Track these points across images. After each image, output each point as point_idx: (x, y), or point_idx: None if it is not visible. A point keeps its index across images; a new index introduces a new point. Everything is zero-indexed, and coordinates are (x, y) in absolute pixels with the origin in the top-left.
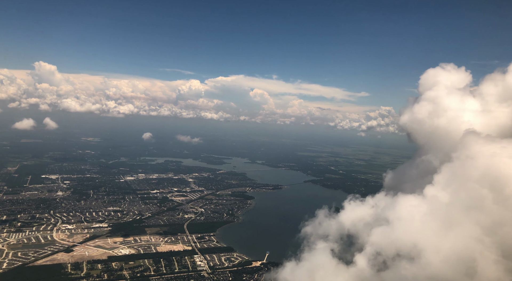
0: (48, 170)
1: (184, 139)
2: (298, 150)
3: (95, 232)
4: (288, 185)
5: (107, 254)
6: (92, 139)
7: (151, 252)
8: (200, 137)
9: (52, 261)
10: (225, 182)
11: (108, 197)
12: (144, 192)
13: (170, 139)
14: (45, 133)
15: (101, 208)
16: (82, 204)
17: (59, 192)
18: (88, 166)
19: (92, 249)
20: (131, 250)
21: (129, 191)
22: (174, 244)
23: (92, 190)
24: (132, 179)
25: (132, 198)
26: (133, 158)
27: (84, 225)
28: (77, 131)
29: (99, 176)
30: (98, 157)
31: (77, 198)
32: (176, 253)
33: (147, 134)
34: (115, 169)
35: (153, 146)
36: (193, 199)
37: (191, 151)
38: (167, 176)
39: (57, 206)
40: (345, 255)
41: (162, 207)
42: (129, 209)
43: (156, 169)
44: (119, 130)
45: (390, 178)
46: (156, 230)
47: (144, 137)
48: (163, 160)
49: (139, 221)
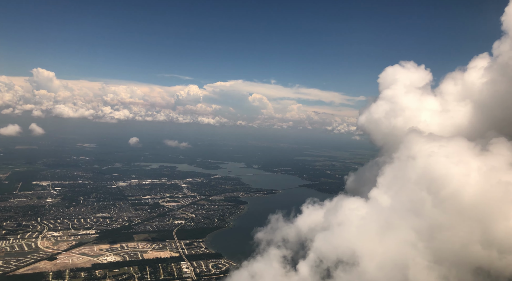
0: (39, 176)
1: (180, 144)
2: (295, 154)
3: (81, 239)
4: (282, 190)
5: (92, 261)
6: (88, 145)
7: (137, 259)
8: (197, 142)
9: (34, 269)
10: (218, 187)
11: (98, 204)
12: (136, 198)
13: (166, 144)
14: (40, 139)
15: (90, 215)
16: (71, 211)
17: (48, 198)
18: (81, 172)
19: (77, 256)
20: (117, 257)
21: (120, 197)
22: (162, 250)
23: (82, 197)
24: (125, 185)
25: (123, 204)
26: (127, 163)
27: (70, 232)
28: (74, 137)
29: (91, 182)
30: (92, 163)
31: (66, 205)
32: (162, 260)
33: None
34: (108, 175)
35: (149, 152)
36: (185, 205)
37: (187, 156)
38: (160, 182)
39: (45, 213)
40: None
41: (152, 213)
42: (119, 215)
43: (150, 175)
44: (115, 135)
45: (351, 180)
46: (145, 236)
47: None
48: (158, 165)
49: (128, 227)
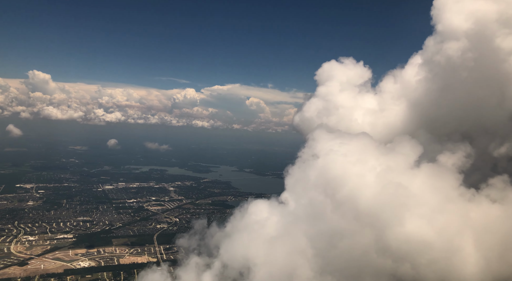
0: (24, 179)
1: (173, 147)
2: (288, 158)
3: (57, 244)
4: (272, 194)
5: (65, 267)
6: (80, 147)
7: (112, 264)
8: (191, 146)
9: (2, 275)
10: (207, 191)
11: (80, 207)
12: (120, 201)
13: (158, 147)
14: (31, 141)
15: (71, 218)
16: (51, 214)
17: (30, 201)
18: (68, 175)
19: (49, 261)
20: (92, 263)
21: (105, 200)
22: (139, 255)
23: (65, 200)
24: (111, 188)
25: (106, 208)
26: (117, 166)
27: (47, 236)
28: (66, 140)
29: (77, 185)
30: (81, 166)
31: (47, 208)
32: (139, 265)
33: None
34: (96, 177)
35: (141, 155)
36: (170, 209)
37: (179, 159)
38: (148, 185)
39: (24, 217)
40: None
41: (135, 217)
42: (100, 219)
43: (138, 178)
44: (107, 138)
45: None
46: (124, 241)
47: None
48: (148, 168)
49: (108, 231)
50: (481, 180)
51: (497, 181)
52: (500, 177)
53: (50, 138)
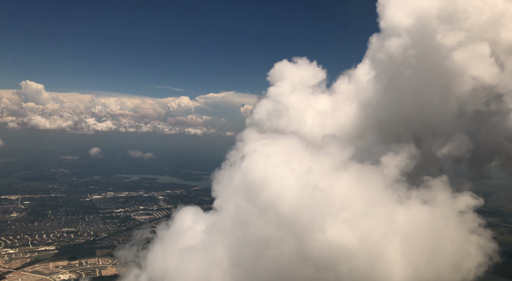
0: (10, 190)
1: (165, 155)
2: None
3: (38, 256)
4: None
5: (43, 280)
6: (71, 157)
7: (94, 276)
8: (184, 153)
9: None
10: (197, 199)
11: (66, 218)
12: (107, 211)
13: (150, 156)
14: (21, 152)
15: (55, 230)
16: (35, 226)
17: (13, 213)
18: (56, 185)
19: (28, 275)
20: (72, 275)
21: (92, 210)
22: (123, 266)
23: (51, 210)
24: (99, 198)
25: (92, 218)
26: (107, 175)
27: (28, 248)
28: (58, 150)
29: (64, 195)
30: (70, 176)
31: (31, 220)
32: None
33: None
34: (84, 187)
35: (132, 164)
36: (158, 218)
37: (171, 168)
38: (137, 194)
39: (6, 229)
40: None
41: (121, 227)
42: (85, 229)
43: (128, 187)
44: (99, 147)
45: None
46: (108, 251)
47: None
48: (139, 177)
49: (92, 242)
50: (421, 181)
51: (436, 183)
52: (439, 178)
53: (40, 148)
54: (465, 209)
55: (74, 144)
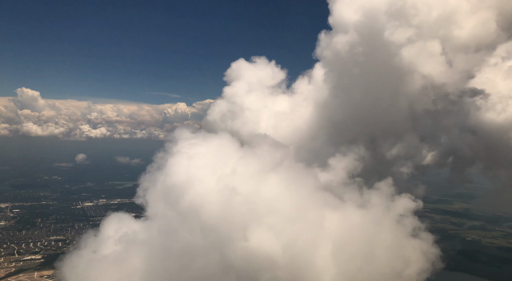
0: (0, 198)
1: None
2: None
3: (23, 266)
4: None
5: None
6: (65, 164)
7: None
8: None
9: None
10: None
11: (55, 226)
12: (98, 219)
13: (145, 161)
14: (13, 159)
15: (43, 238)
16: (22, 234)
17: (1, 222)
18: (48, 193)
19: None
20: None
21: (82, 218)
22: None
23: (40, 218)
24: (91, 205)
25: (82, 226)
26: (100, 182)
27: (13, 258)
28: (51, 156)
29: (55, 203)
30: (63, 183)
31: (19, 228)
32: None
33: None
34: (77, 195)
35: (126, 170)
36: None
37: None
38: (130, 201)
39: None
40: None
41: None
42: (74, 237)
43: (121, 194)
44: (93, 154)
45: None
46: None
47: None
48: (133, 184)
49: None
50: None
51: (381, 185)
52: (385, 181)
53: (33, 155)
54: (404, 213)
55: (68, 151)
